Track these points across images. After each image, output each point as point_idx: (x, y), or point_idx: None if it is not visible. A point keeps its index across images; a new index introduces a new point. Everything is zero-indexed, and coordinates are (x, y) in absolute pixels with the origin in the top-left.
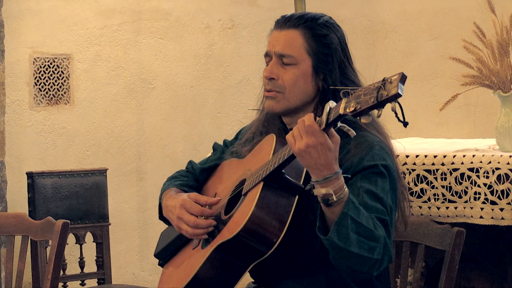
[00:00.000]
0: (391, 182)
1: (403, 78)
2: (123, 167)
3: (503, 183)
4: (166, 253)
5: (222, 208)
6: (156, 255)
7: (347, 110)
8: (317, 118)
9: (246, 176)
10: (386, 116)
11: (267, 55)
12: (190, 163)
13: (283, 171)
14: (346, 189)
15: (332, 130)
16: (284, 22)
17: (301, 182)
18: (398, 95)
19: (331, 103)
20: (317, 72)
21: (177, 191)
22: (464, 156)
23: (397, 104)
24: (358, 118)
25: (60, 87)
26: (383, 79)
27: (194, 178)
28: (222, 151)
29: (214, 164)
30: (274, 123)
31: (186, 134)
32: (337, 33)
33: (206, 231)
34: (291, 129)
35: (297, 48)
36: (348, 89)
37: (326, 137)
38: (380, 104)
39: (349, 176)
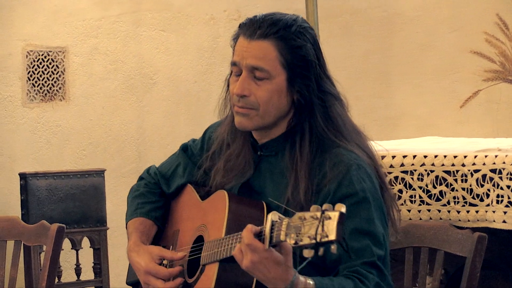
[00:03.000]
0: (375, 204)
1: (341, 219)
2: (122, 168)
3: None
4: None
5: (185, 264)
6: (129, 284)
7: (289, 241)
8: (261, 228)
9: (202, 233)
10: (399, 113)
11: (235, 65)
12: (157, 174)
13: None
14: (311, 284)
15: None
16: (254, 31)
17: None
18: (336, 241)
19: (273, 215)
20: (292, 85)
21: (143, 228)
22: (486, 156)
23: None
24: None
25: (55, 82)
26: (322, 212)
27: (161, 192)
28: (185, 166)
29: (181, 186)
30: (241, 133)
31: (189, 133)
32: (311, 39)
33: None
34: (261, 146)
35: (271, 61)
36: (282, 206)
37: (270, 252)
38: (320, 244)
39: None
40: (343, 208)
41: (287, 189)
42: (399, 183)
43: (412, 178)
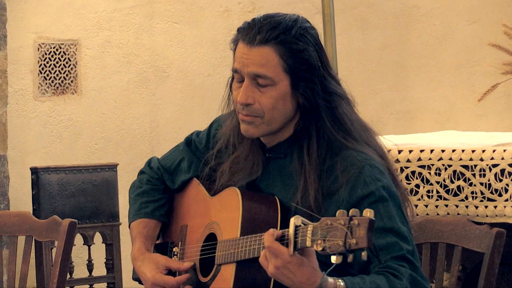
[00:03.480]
0: (393, 201)
1: (371, 226)
2: (134, 162)
3: None
4: None
5: (197, 261)
6: (135, 279)
7: (315, 248)
8: (283, 232)
9: (214, 231)
10: (417, 107)
11: (237, 72)
12: (159, 169)
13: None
14: (341, 285)
15: None
16: (253, 37)
17: None
18: (367, 248)
19: (296, 219)
20: (296, 89)
21: (147, 231)
22: (504, 150)
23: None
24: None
25: (67, 75)
26: (350, 219)
27: (164, 188)
28: (190, 162)
29: (186, 181)
30: (248, 137)
31: (203, 127)
32: (313, 40)
33: None
34: (269, 149)
35: (273, 68)
36: (308, 211)
37: (294, 256)
38: (350, 252)
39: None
40: (371, 214)
41: (296, 194)
42: (416, 178)
43: (430, 173)
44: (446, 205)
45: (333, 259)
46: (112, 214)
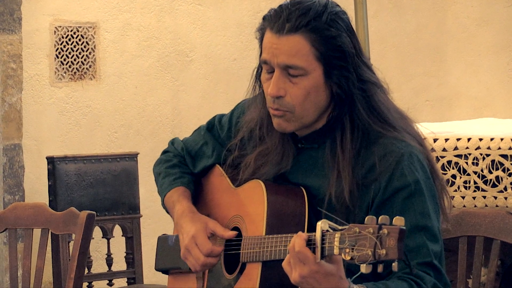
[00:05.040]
0: (429, 195)
1: (401, 236)
2: (156, 151)
3: None
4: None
5: (221, 256)
6: (158, 270)
7: (344, 257)
8: (309, 236)
9: (239, 225)
10: (453, 93)
11: (266, 63)
12: (183, 150)
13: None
14: None
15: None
16: (282, 25)
17: None
18: (398, 259)
19: (323, 224)
20: (329, 78)
21: (188, 195)
22: None
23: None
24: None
25: (85, 60)
26: (380, 228)
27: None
28: (213, 147)
29: (208, 167)
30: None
31: None
32: (345, 26)
33: (211, 267)
34: (301, 138)
35: (305, 57)
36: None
37: (321, 264)
38: (379, 262)
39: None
40: (401, 222)
41: (328, 188)
42: (453, 168)
43: (467, 163)
44: (484, 197)
45: (363, 268)
46: (132, 205)
